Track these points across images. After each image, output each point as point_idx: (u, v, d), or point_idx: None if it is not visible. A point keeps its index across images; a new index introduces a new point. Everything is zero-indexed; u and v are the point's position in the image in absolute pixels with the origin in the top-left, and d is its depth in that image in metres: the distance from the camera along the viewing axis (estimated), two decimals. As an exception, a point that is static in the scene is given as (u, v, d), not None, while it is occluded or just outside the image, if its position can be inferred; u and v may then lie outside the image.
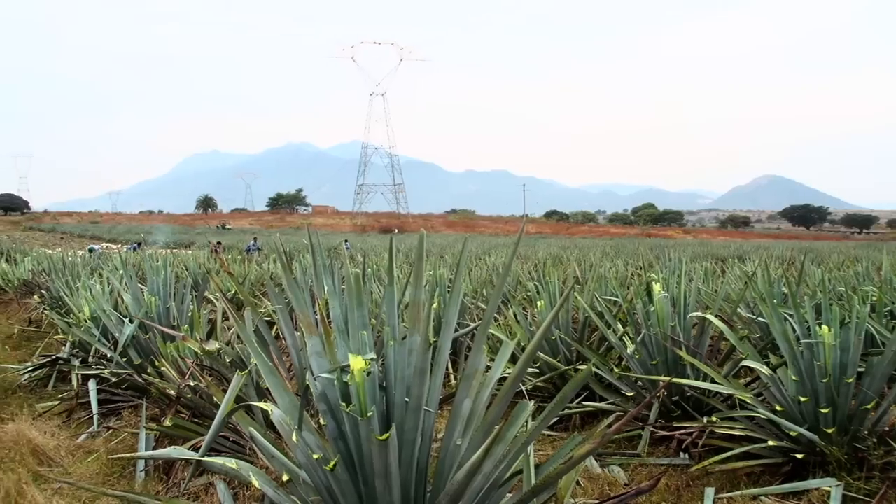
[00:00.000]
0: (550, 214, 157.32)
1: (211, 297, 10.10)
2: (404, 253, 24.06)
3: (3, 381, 8.16)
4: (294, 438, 2.97)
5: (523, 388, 5.85)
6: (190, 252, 26.07)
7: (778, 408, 4.59)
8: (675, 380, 5.14)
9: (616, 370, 5.94)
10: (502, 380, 3.17)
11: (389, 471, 2.68)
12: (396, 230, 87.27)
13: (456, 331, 4.04)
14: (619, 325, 6.45)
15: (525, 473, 3.12)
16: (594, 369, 5.81)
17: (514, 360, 5.29)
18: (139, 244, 37.89)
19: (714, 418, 4.92)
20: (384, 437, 2.55)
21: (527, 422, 2.99)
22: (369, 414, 2.69)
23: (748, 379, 5.74)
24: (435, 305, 7.38)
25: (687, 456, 4.83)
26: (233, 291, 10.03)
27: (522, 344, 6.33)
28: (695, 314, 5.77)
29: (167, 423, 4.88)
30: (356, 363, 2.73)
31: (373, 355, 2.83)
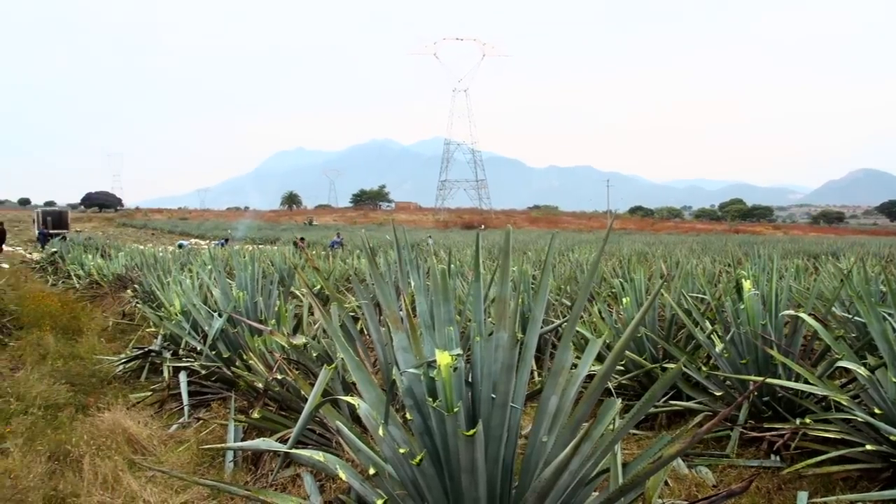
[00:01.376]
0: (635, 210, 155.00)
1: (296, 291, 10.26)
2: (486, 249, 24.04)
3: (100, 371, 8.45)
4: (381, 433, 3.00)
5: (610, 386, 5.78)
6: (275, 248, 26.52)
7: (877, 410, 4.41)
8: (769, 380, 4.99)
9: (704, 369, 5.82)
10: (588, 377, 3.14)
11: (476, 466, 2.68)
12: (483, 226, 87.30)
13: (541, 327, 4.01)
14: (707, 323, 6.32)
15: (612, 472, 3.08)
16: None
17: (598, 357, 5.23)
18: (226, 240, 38.90)
19: (808, 420, 4.76)
20: (471, 432, 2.55)
21: (614, 420, 2.95)
22: (456, 409, 2.69)
23: (844, 380, 5.55)
24: (517, 301, 7.36)
25: (778, 458, 4.70)
26: (318, 287, 10.16)
27: (608, 341, 6.25)
28: (787, 312, 5.61)
29: (255, 415, 4.97)
30: (443, 359, 2.74)
31: (459, 351, 2.83)
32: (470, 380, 2.99)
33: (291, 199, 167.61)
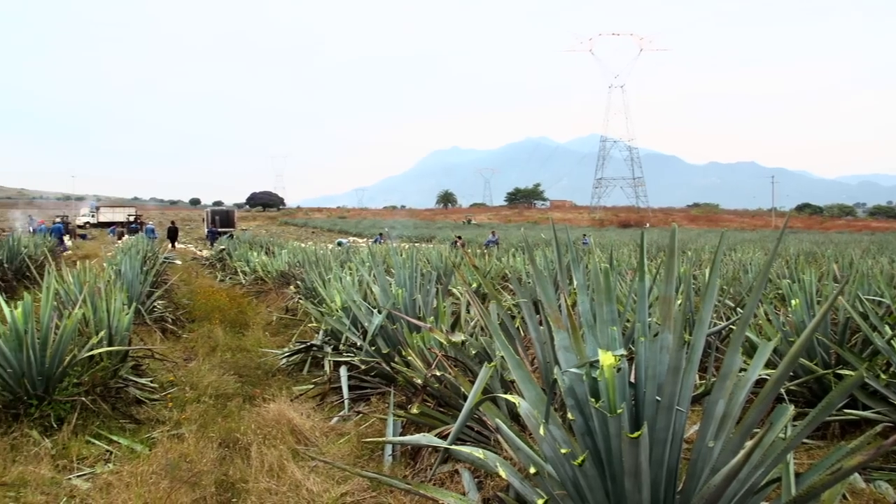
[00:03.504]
0: (802, 208, 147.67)
1: (452, 289, 10.35)
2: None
3: (265, 364, 8.80)
4: (541, 432, 2.97)
5: (782, 392, 5.53)
6: (431, 246, 26.87)
7: None
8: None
9: (883, 377, 5.47)
10: (756, 382, 3.01)
11: (640, 469, 2.61)
12: (648, 224, 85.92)
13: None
14: (887, 328, 5.96)
15: (784, 482, 2.94)
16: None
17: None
18: (381, 235, 40.12)
19: None
20: (635, 435, 2.49)
21: (785, 427, 2.81)
22: (619, 411, 2.64)
23: None
24: (679, 302, 7.16)
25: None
26: (474, 284, 10.21)
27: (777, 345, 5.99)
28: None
29: (414, 410, 5.03)
30: (606, 359, 2.69)
31: (623, 351, 2.77)
32: (633, 381, 2.93)
33: (446, 198, 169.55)
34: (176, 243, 38.96)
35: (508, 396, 3.20)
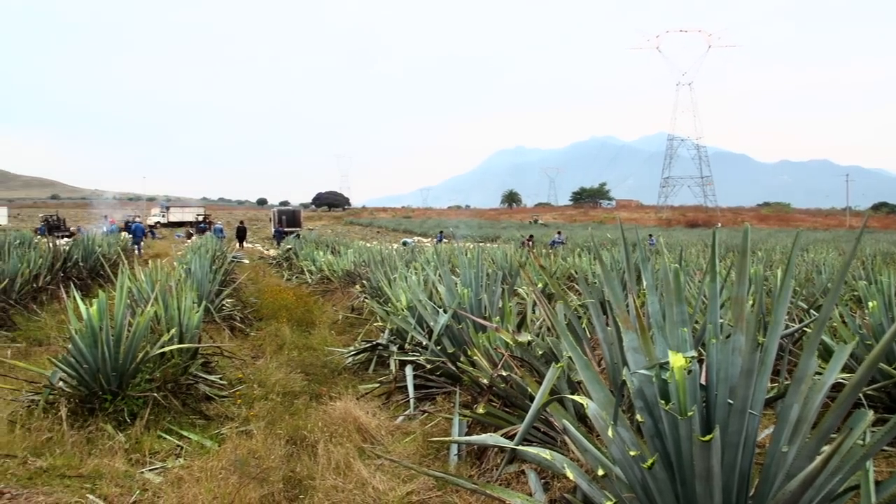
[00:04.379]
0: (878, 207, 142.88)
1: (518, 289, 10.31)
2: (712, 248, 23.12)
3: (331, 362, 8.87)
4: (610, 433, 2.94)
5: (860, 396, 5.38)
6: (496, 246, 26.81)
7: None
8: None
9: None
10: (832, 387, 2.92)
11: (711, 473, 2.56)
12: (720, 224, 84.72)
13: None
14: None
15: (863, 489, 2.84)
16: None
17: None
18: (442, 233, 40.34)
19: None
20: (707, 438, 2.44)
21: (864, 433, 2.73)
22: (690, 413, 2.59)
23: None
24: (751, 303, 7.02)
25: None
26: (540, 285, 10.16)
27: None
28: None
29: (480, 410, 5.02)
30: (676, 360, 2.64)
31: (694, 353, 2.72)
32: (704, 383, 2.87)
33: (511, 198, 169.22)
34: (244, 243, 39.57)
35: (576, 397, 3.17)
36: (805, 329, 6.11)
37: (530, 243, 30.50)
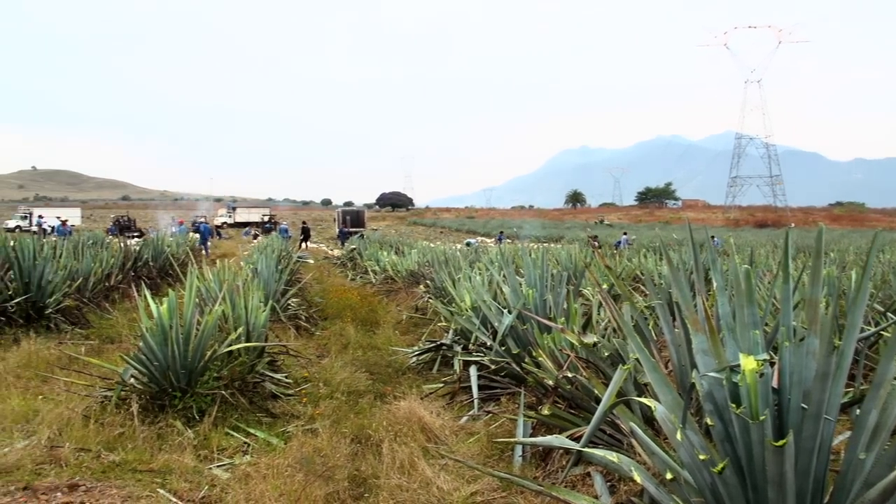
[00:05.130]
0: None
1: (583, 290, 10.23)
2: (780, 248, 22.67)
3: (395, 362, 8.92)
4: (678, 437, 2.89)
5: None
6: (560, 246, 26.66)
7: None
8: None
9: None
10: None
11: (784, 479, 2.50)
12: (792, 224, 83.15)
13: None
14: None
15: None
16: None
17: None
18: (501, 233, 40.42)
19: None
20: (780, 443, 2.39)
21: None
22: (762, 417, 2.53)
23: None
24: (822, 305, 6.85)
25: None
26: (606, 286, 10.07)
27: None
28: None
29: (545, 411, 4.98)
30: (748, 363, 2.59)
31: (766, 356, 2.66)
32: (776, 387, 2.81)
33: (575, 198, 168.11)
34: (308, 243, 40.00)
35: (643, 400, 3.13)
36: (882, 333, 5.95)
37: (595, 243, 30.28)
